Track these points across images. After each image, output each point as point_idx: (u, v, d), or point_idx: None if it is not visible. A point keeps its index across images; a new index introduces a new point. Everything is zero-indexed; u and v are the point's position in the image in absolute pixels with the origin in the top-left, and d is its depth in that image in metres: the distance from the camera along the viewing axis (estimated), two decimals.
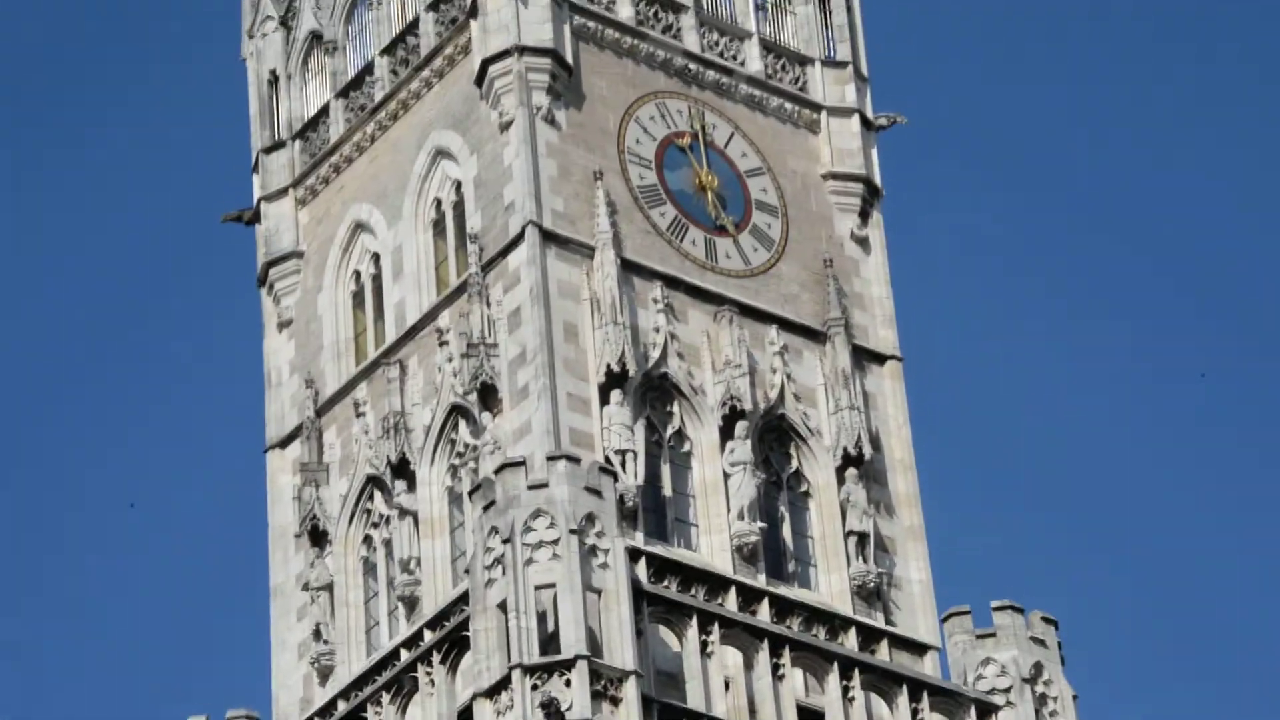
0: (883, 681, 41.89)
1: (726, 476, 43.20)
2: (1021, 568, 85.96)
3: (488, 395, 43.28)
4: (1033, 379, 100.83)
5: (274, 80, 50.50)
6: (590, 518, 38.97)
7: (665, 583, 40.86)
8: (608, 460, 41.27)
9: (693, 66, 47.14)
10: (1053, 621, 43.75)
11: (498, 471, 40.06)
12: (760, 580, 42.32)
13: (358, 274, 47.86)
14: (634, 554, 39.90)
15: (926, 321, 56.70)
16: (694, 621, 40.16)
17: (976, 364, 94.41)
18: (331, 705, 43.25)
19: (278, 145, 49.80)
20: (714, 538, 42.82)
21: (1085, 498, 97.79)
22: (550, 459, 39.69)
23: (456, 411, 43.90)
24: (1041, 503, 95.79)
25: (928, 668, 43.36)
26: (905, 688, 41.82)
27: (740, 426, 43.48)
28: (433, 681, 40.60)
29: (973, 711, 42.19)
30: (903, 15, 59.31)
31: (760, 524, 42.77)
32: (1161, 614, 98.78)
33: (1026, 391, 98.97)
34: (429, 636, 41.47)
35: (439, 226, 46.32)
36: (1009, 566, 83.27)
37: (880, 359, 46.58)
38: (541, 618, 38.14)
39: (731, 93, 47.52)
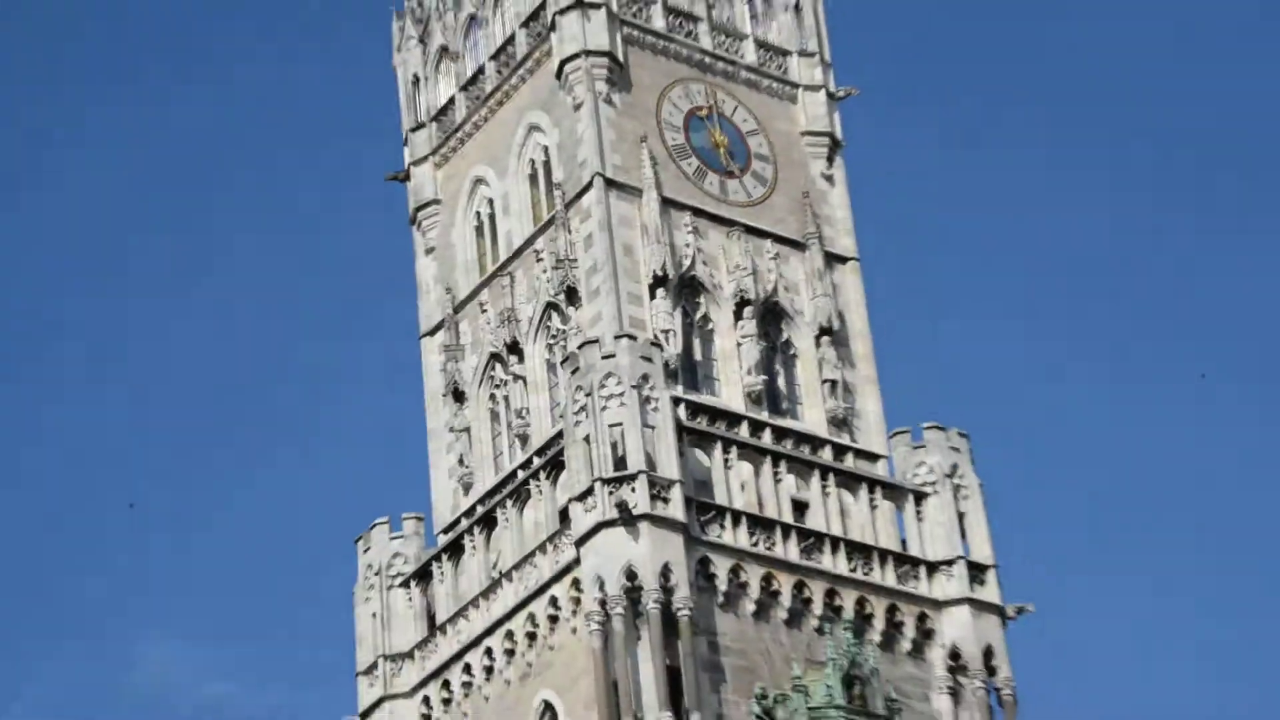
0: (849, 481, 43.64)
1: (739, 345, 44.63)
2: (945, 397, 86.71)
3: (571, 295, 44.58)
4: (961, 271, 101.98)
5: (416, 81, 51.34)
6: (645, 377, 40.67)
7: (698, 420, 42.75)
8: (656, 337, 42.84)
9: (708, 59, 48.16)
10: (965, 435, 45.02)
11: (580, 347, 41.86)
12: (764, 415, 43.91)
13: (478, 213, 48.79)
14: (675, 401, 41.60)
15: (877, 233, 58.24)
16: (718, 445, 42.16)
17: (915, 263, 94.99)
18: (472, 510, 45.08)
19: (420, 126, 50.73)
20: (731, 388, 44.23)
21: (995, 342, 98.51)
22: (616, 338, 41.46)
23: (550, 307, 45.24)
24: (966, 346, 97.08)
25: (880, 470, 44.86)
26: (864, 485, 43.73)
27: (747, 310, 44.89)
28: (540, 491, 42.60)
29: (911, 498, 43.91)
30: (856, 15, 60.37)
31: (763, 377, 44.31)
32: (1055, 423, 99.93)
33: (957, 281, 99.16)
34: (536, 461, 43.39)
35: (533, 179, 47.29)
36: (937, 397, 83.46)
37: (843, 260, 47.58)
38: (614, 447, 40.08)
39: (735, 77, 48.43)
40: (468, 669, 42.49)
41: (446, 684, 42.99)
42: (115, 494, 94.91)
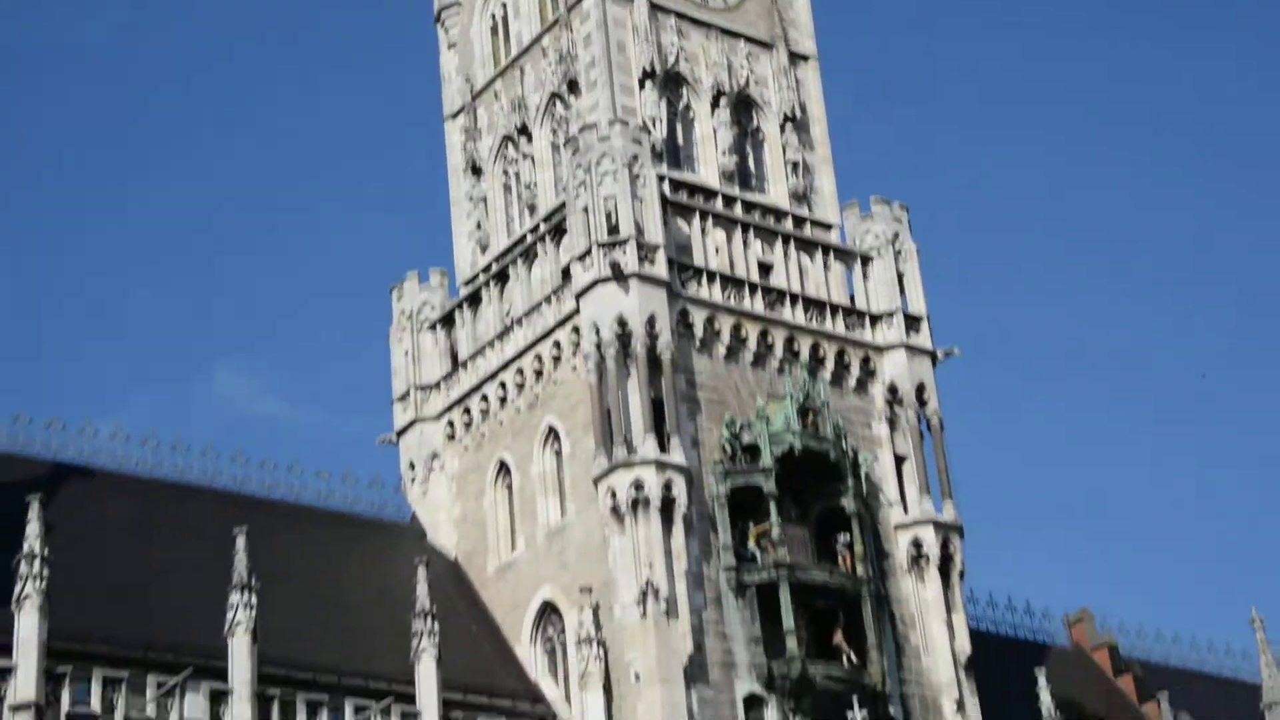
0: (807, 246, 44.74)
1: (715, 131, 45.07)
2: (889, 175, 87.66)
3: (572, 86, 44.92)
4: (911, 64, 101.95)
5: None
6: (635, 157, 41.46)
7: (680, 194, 43.48)
8: (644, 123, 43.36)
9: None
10: (905, 207, 45.93)
11: (580, 131, 42.61)
12: (736, 190, 44.61)
13: (493, 15, 48.65)
14: (660, 177, 42.43)
15: (836, 32, 58.15)
16: (697, 215, 43.14)
17: (870, 61, 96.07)
18: (488, 266, 45.85)
19: None
20: (708, 167, 44.81)
21: (937, 124, 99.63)
22: (610, 123, 42.23)
23: (554, 96, 45.55)
24: (910, 130, 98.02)
25: (833, 237, 45.78)
26: (820, 249, 44.87)
27: (722, 100, 45.34)
28: (545, 252, 43.63)
29: (858, 260, 44.97)
30: None
31: (735, 157, 44.94)
32: (989, 196, 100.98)
33: (907, 73, 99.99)
34: (543, 226, 44.25)
35: None
36: (883, 174, 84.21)
37: (805, 58, 47.74)
38: (608, 216, 40.96)
39: None
40: (485, 398, 44.02)
41: (467, 410, 44.51)
42: (194, 239, 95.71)
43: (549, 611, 40.40)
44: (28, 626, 32.26)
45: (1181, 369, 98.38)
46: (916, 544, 41.99)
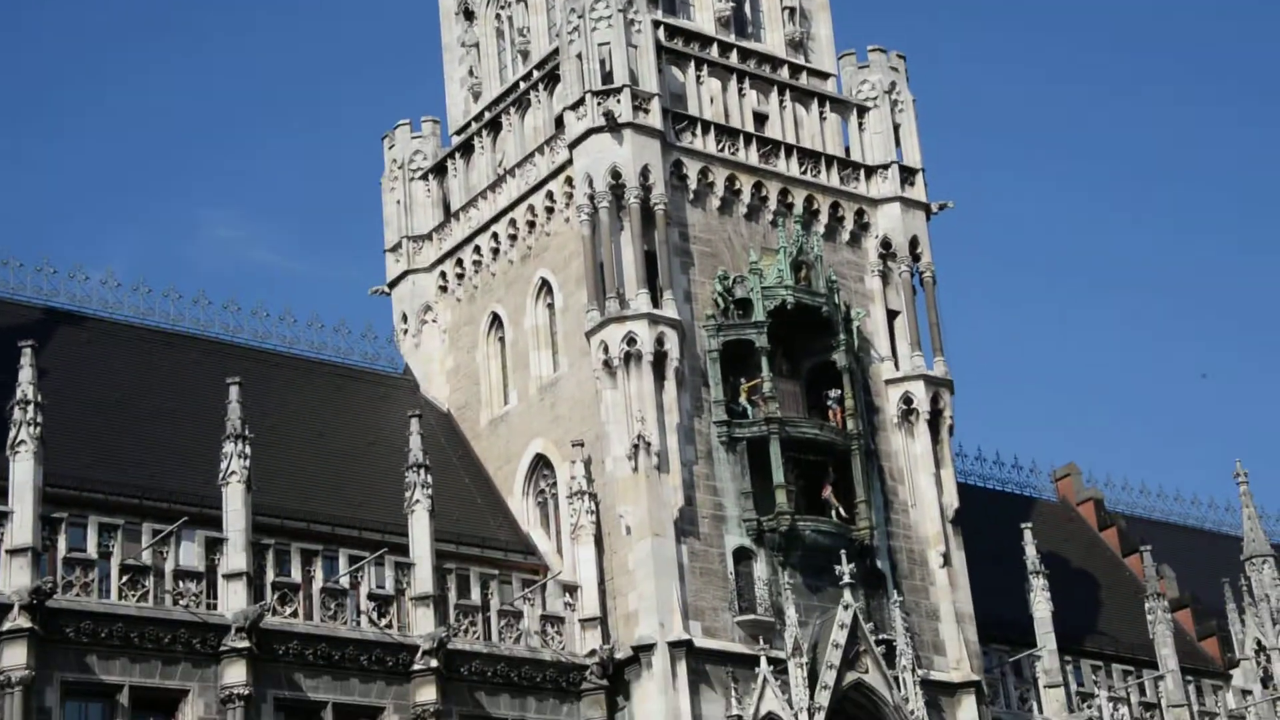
0: (802, 96, 44.36)
1: None
2: (888, 23, 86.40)
3: None
4: None
5: None
6: (629, 2, 40.91)
7: (675, 41, 42.92)
8: None
9: None
10: (902, 56, 45.58)
11: None
12: (731, 38, 44.06)
13: None
14: (655, 24, 41.83)
15: None
16: (692, 64, 42.75)
17: None
18: (480, 115, 45.34)
19: None
20: (703, 13, 44.21)
21: None
22: None
23: None
24: None
25: (829, 87, 45.26)
26: (815, 99, 44.41)
27: None
28: (538, 101, 43.26)
29: (854, 111, 44.75)
30: None
31: (731, 3, 44.07)
32: (987, 45, 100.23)
33: None
34: (536, 74, 43.82)
35: None
36: (880, 22, 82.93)
37: None
38: (602, 63, 40.61)
39: None
40: (477, 250, 43.90)
41: (460, 262, 44.44)
42: (177, 92, 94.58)
43: (541, 464, 40.76)
44: (23, 472, 32.48)
45: (1171, 234, 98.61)
46: (907, 399, 42.25)
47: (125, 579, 33.23)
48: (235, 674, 33.19)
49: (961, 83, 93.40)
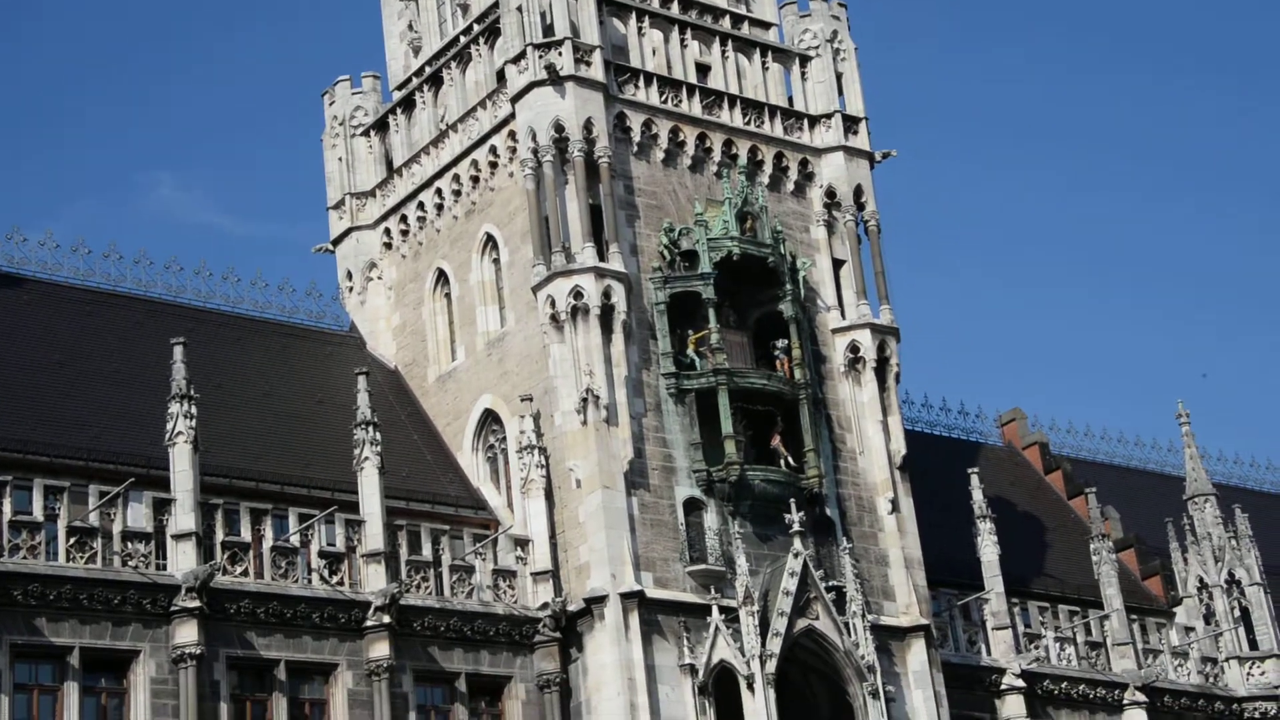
0: (745, 46, 44.10)
1: None
2: None
3: None
4: None
5: None
6: None
7: None
8: None
9: None
10: (844, 4, 45.13)
11: None
12: None
13: None
14: None
15: None
16: (633, 15, 42.32)
17: None
18: (421, 70, 44.85)
19: None
20: None
21: None
22: None
23: None
24: None
25: (771, 36, 45.08)
26: (758, 49, 44.20)
27: None
28: (480, 55, 42.77)
29: (797, 61, 44.44)
30: None
31: None
32: None
33: None
34: (476, 27, 43.18)
35: None
36: None
37: None
38: (543, 15, 40.09)
39: None
40: (421, 206, 43.53)
41: (404, 218, 44.05)
42: (114, 52, 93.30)
43: (490, 420, 40.60)
44: None
45: (1115, 165, 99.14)
46: (853, 347, 42.28)
47: (73, 541, 32.99)
48: (187, 634, 33.01)
49: (904, 28, 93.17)
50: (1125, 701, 44.90)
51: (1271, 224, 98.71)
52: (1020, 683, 43.05)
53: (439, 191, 43.03)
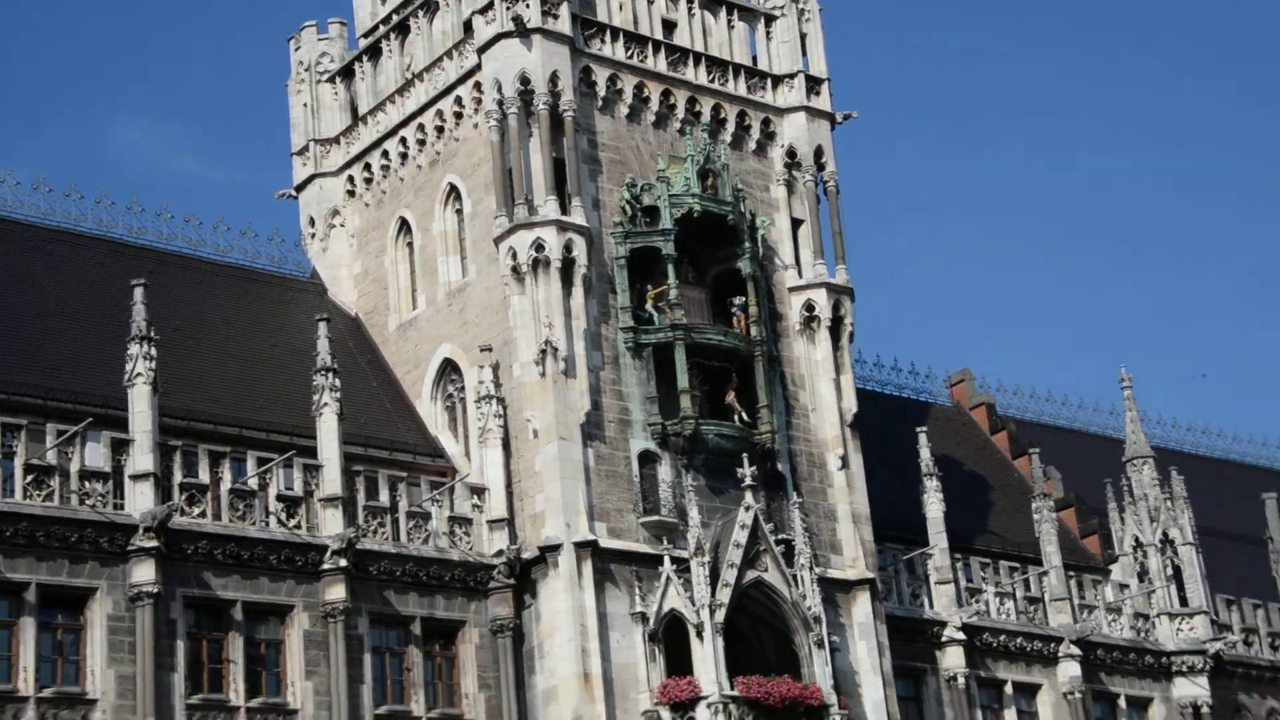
0: (710, 4, 43.36)
1: None
2: None
3: None
4: None
5: None
6: None
7: None
8: None
9: None
10: None
11: None
12: None
13: None
14: None
15: None
16: None
17: None
18: (388, 18, 44.23)
19: None
20: None
21: None
22: None
23: None
24: None
25: None
26: (724, 7, 43.51)
27: None
28: (447, 4, 42.06)
29: (762, 20, 43.91)
30: None
31: None
32: None
33: None
34: None
35: None
36: None
37: None
38: None
39: None
40: (385, 154, 43.29)
41: (368, 166, 43.80)
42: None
43: (449, 369, 40.57)
44: None
45: (1069, 134, 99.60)
46: (809, 306, 42.43)
47: (30, 479, 32.81)
48: (144, 573, 32.97)
49: None
50: (1060, 654, 45.61)
51: (1216, 184, 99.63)
52: (961, 635, 43.66)
53: (403, 140, 42.82)
